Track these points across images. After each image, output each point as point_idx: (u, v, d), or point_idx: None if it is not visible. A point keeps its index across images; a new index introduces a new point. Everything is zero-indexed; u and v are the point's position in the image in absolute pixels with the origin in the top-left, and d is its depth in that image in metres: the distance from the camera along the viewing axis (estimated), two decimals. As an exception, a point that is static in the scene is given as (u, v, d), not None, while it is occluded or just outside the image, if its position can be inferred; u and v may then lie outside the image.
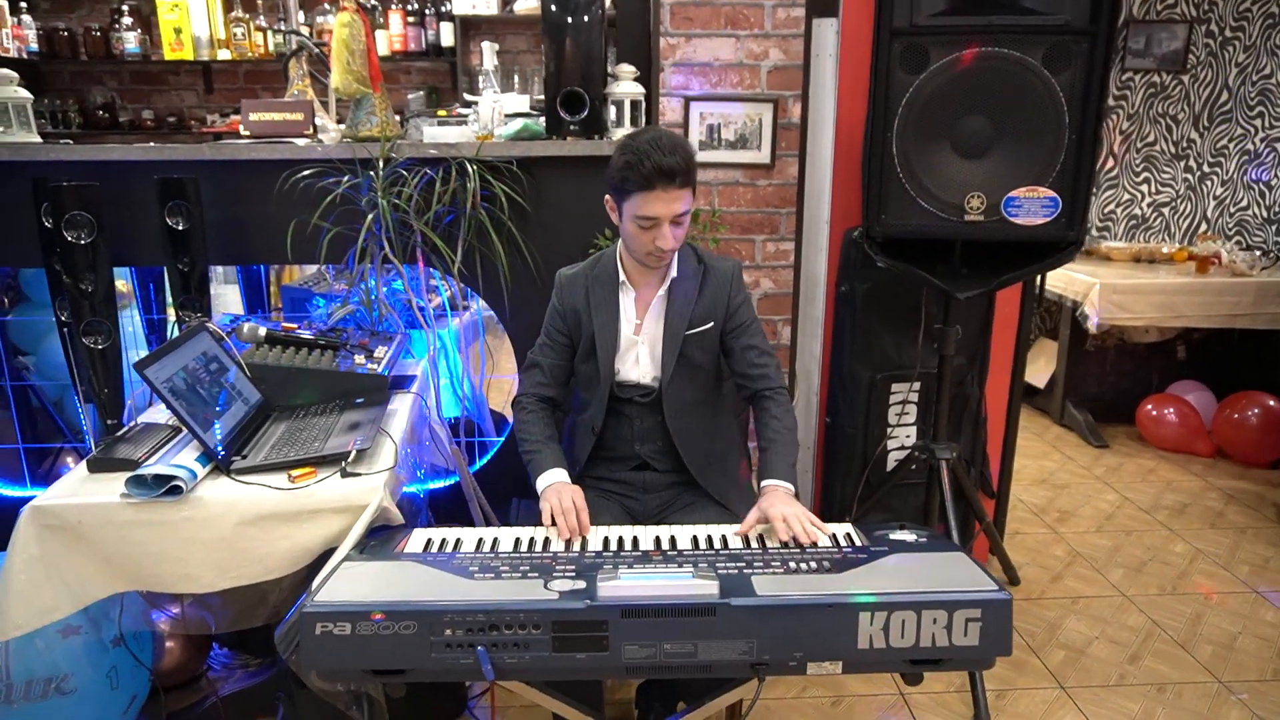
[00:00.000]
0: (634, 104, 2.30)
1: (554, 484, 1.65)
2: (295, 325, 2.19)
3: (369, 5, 2.21)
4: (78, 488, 1.49)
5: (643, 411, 1.77)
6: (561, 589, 1.27)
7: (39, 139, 2.30)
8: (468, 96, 2.88)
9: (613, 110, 2.29)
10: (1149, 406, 3.70)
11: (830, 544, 1.46)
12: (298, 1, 3.89)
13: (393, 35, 3.97)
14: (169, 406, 1.49)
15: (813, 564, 1.36)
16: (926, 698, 2.08)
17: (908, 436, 2.42)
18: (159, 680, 2.01)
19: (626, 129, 2.30)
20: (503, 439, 2.59)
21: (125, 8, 4.13)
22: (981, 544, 2.59)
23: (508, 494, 2.27)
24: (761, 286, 2.46)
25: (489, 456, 2.61)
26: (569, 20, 2.28)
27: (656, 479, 1.81)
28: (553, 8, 2.29)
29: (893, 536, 1.49)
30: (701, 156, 2.34)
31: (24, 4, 4.06)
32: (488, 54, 2.39)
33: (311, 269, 2.78)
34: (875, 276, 2.29)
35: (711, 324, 1.73)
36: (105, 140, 4.22)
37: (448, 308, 2.50)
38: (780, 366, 1.74)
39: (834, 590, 1.26)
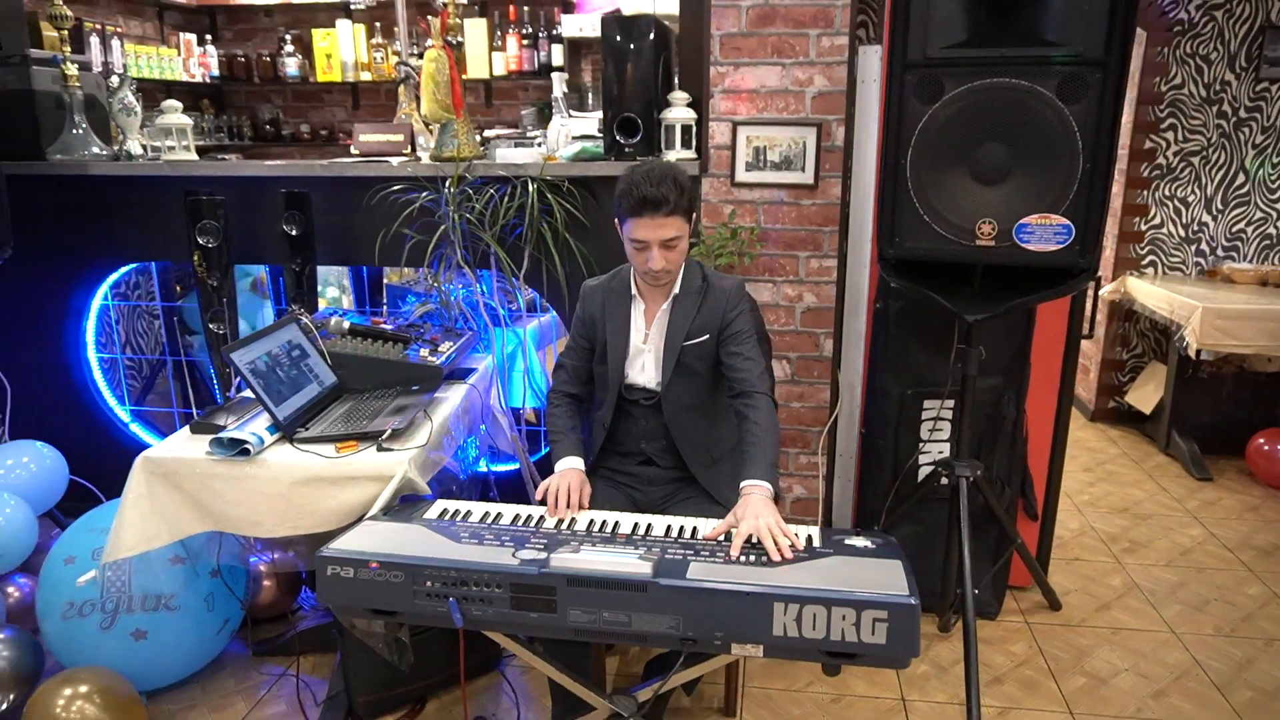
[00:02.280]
0: (685, 128, 2.48)
1: (564, 470, 1.87)
2: (382, 319, 2.54)
3: (455, 42, 2.51)
4: (180, 445, 1.87)
5: (647, 412, 1.96)
6: (525, 557, 1.49)
7: (195, 157, 2.79)
8: (573, 112, 3.16)
9: (672, 133, 2.48)
10: (1260, 440, 3.45)
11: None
12: (419, 32, 4.33)
13: (509, 56, 4.34)
14: (248, 384, 1.84)
15: (752, 557, 1.51)
16: (926, 705, 2.14)
17: (940, 452, 2.46)
18: (255, 613, 2.42)
19: (678, 151, 2.48)
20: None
21: (288, 36, 4.76)
22: (1022, 565, 2.58)
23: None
24: (805, 300, 2.57)
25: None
26: (631, 47, 2.49)
27: (659, 474, 1.99)
28: (617, 38, 2.51)
29: (846, 541, 1.61)
30: (747, 177, 2.49)
31: (208, 36, 4.77)
32: (557, 83, 2.64)
33: (412, 269, 3.16)
34: (908, 296, 2.35)
35: (707, 336, 1.89)
36: (269, 152, 4.88)
37: (524, 308, 2.78)
38: (764, 374, 1.86)
39: (755, 581, 1.41)
